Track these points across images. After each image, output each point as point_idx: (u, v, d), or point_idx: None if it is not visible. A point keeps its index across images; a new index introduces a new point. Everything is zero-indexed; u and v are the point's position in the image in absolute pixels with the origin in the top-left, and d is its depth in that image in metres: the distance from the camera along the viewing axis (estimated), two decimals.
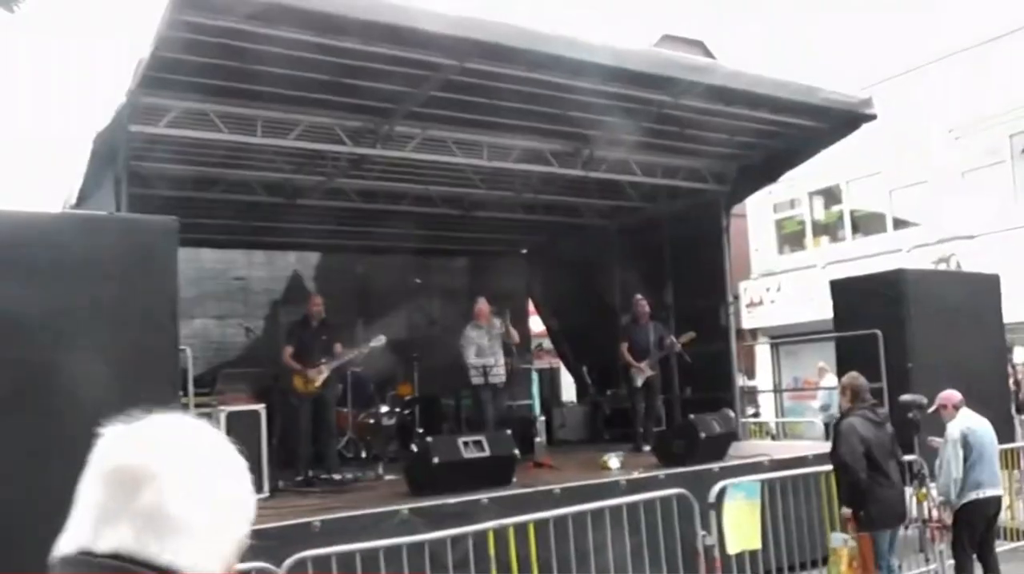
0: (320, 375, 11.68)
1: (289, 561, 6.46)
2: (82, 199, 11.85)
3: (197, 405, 8.44)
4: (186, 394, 7.47)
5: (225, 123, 10.90)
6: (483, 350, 12.91)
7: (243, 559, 5.12)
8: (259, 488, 9.86)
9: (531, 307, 20.38)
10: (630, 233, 17.40)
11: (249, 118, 11.11)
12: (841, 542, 7.97)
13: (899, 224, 24.26)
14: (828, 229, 26.90)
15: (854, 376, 8.48)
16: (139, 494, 1.54)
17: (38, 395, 6.62)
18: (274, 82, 10.42)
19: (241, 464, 1.73)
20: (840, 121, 13.27)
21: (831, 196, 26.62)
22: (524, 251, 20.19)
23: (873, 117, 12.94)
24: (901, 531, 8.59)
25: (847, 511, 8.05)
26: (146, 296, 7.17)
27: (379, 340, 12.17)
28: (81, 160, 11.14)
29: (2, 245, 6.66)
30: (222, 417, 9.83)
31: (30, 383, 6.62)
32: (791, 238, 27.78)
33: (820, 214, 27.24)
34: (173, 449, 1.63)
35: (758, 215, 27.74)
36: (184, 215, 7.95)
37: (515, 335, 13.28)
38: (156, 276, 7.25)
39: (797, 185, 24.76)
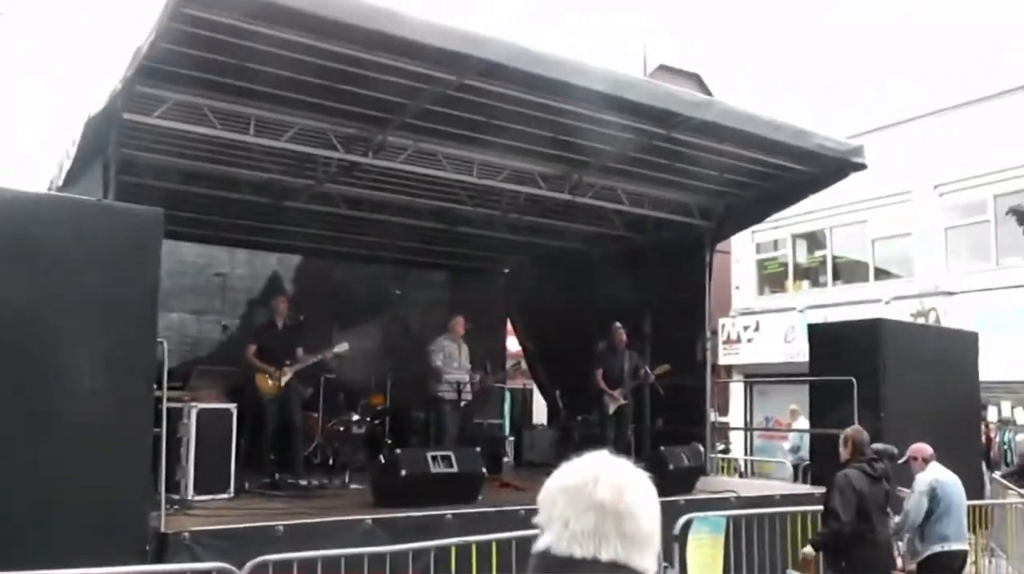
0: (284, 376, 11.67)
1: (250, 563, 6.45)
2: (69, 181, 11.77)
3: (170, 400, 8.37)
4: (160, 388, 7.40)
5: (218, 119, 10.88)
6: (451, 366, 12.92)
7: (204, 558, 5.11)
8: (225, 487, 9.86)
9: (508, 326, 20.34)
10: (613, 260, 17.40)
11: (243, 116, 11.08)
12: None
13: (881, 274, 24.39)
14: (810, 273, 27.03)
15: (857, 430, 8.50)
16: (623, 522, 2.47)
17: (9, 382, 6.58)
18: (271, 82, 10.43)
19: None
20: (830, 167, 13.36)
21: (815, 241, 26.77)
22: (506, 270, 20.14)
23: (863, 166, 13.03)
24: None
25: (809, 551, 8.05)
26: (128, 285, 7.15)
27: (342, 346, 12.23)
28: (71, 142, 11.09)
29: None
30: (193, 413, 9.82)
31: (7, 369, 6.56)
32: (772, 279, 27.89)
33: (803, 257, 27.38)
34: (636, 487, 2.56)
35: (741, 253, 27.85)
36: (169, 207, 7.92)
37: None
38: (139, 266, 7.23)
39: (782, 227, 24.88)
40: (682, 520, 8.18)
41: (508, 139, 12.38)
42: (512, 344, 20.80)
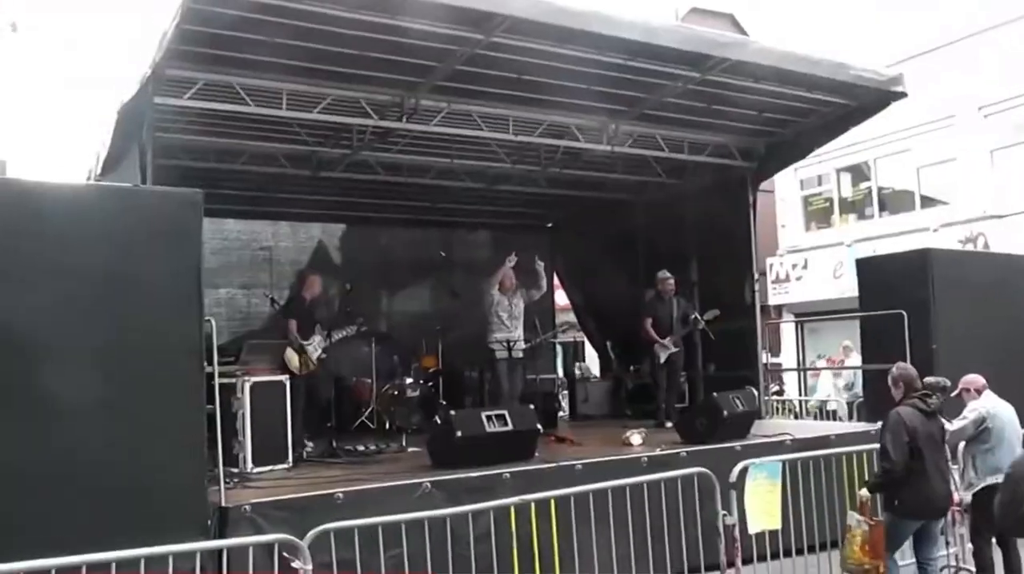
0: (314, 352, 11.79)
1: (312, 533, 6.50)
2: (107, 170, 11.90)
3: (223, 375, 8.45)
4: (211, 364, 7.47)
5: (250, 95, 10.92)
6: (501, 318, 12.90)
7: (266, 530, 5.20)
8: (283, 458, 9.96)
9: (556, 281, 20.31)
10: (656, 208, 17.29)
11: (274, 91, 11.11)
12: (856, 523, 7.93)
13: (927, 202, 24.05)
14: (856, 206, 26.68)
15: (903, 367, 8.36)
16: None
17: (63, 361, 6.67)
18: (300, 55, 10.44)
19: None
20: (870, 98, 13.16)
21: (859, 173, 26.41)
22: (549, 225, 20.10)
23: (903, 95, 12.82)
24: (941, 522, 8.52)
25: (865, 494, 7.98)
26: (171, 267, 7.19)
27: (359, 324, 12.28)
28: (105, 131, 11.18)
29: (30, 216, 6.69)
30: (247, 387, 9.89)
31: (56, 356, 6.66)
32: (818, 215, 27.58)
33: (848, 191, 27.02)
34: None
35: (786, 191, 27.55)
36: (209, 186, 7.99)
37: (542, 288, 13.36)
38: (181, 248, 7.26)
39: (825, 161, 24.55)
40: (738, 467, 8.15)
41: (542, 94, 12.34)
42: (560, 298, 20.77)
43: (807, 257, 26.65)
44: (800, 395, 22.29)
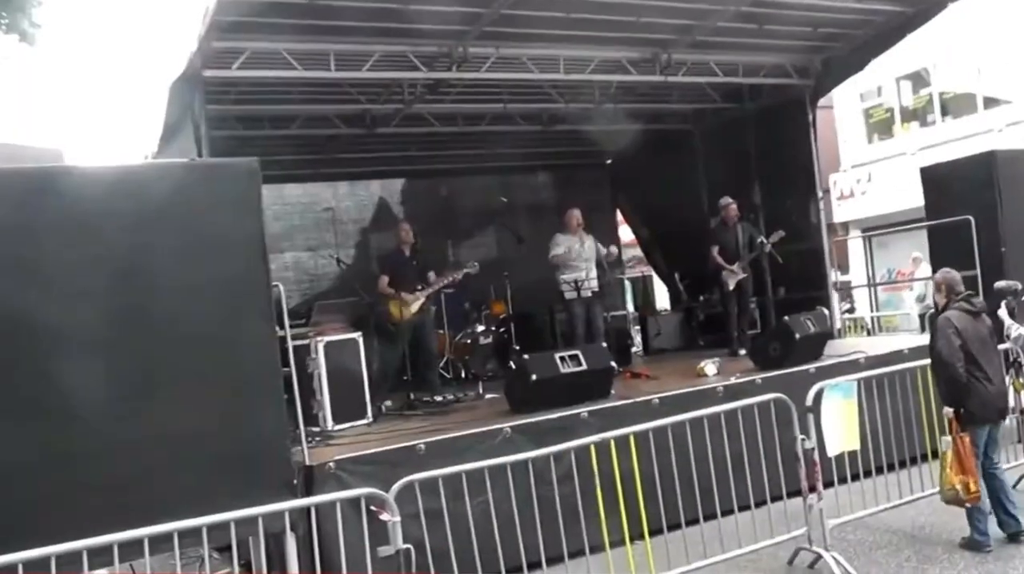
0: (416, 302, 11.89)
1: (397, 485, 6.58)
2: (162, 147, 12.04)
3: (296, 337, 8.56)
4: (282, 328, 7.57)
5: (298, 60, 10.97)
6: (574, 261, 12.85)
7: (352, 485, 5.31)
8: (362, 414, 10.09)
9: (619, 217, 20.25)
10: (714, 135, 17.17)
11: (322, 53, 11.17)
12: (946, 445, 7.88)
13: (990, 103, 23.58)
14: (917, 114, 26.25)
15: (945, 271, 8.31)
16: None
17: (138, 337, 6.81)
18: (343, 15, 10.45)
19: None
20: (928, 3, 12.90)
21: (919, 80, 25.94)
22: (608, 162, 20.00)
23: None
24: (1003, 425, 8.43)
25: (949, 411, 7.92)
26: (234, 237, 7.26)
27: (473, 266, 12.28)
28: (157, 110, 11.32)
29: (93, 199, 6.80)
30: (321, 347, 10.01)
31: (133, 326, 6.80)
32: (880, 126, 27.17)
33: (908, 99, 26.57)
34: None
35: (845, 105, 27.11)
36: (266, 153, 8.05)
37: (613, 252, 13.27)
38: (242, 217, 7.32)
39: (883, 71, 24.07)
40: (813, 390, 8.09)
41: (590, 30, 12.25)
42: (625, 234, 20.72)
43: (871, 171, 26.32)
44: (871, 311, 22.08)
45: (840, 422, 8.07)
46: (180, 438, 6.79)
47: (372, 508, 6.57)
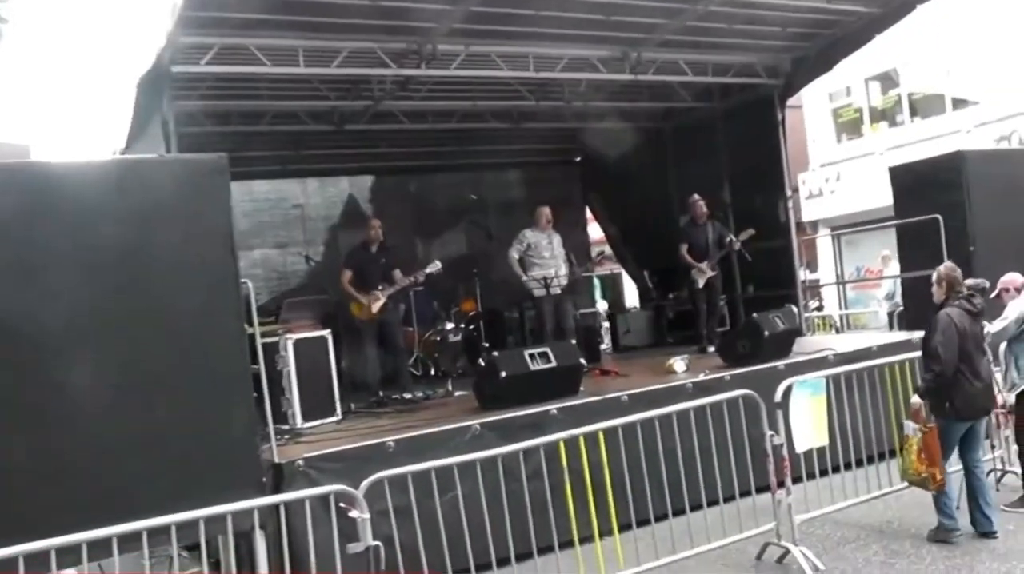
0: (377, 302, 11.80)
1: (366, 482, 6.59)
2: (130, 143, 11.97)
3: (265, 335, 8.54)
4: (251, 325, 7.55)
5: (267, 56, 10.91)
6: (541, 256, 12.86)
7: (321, 482, 5.31)
8: (332, 411, 10.07)
9: (589, 215, 20.27)
10: (684, 134, 17.21)
11: (291, 49, 11.09)
12: (912, 431, 7.92)
13: (959, 104, 23.73)
14: (886, 114, 26.40)
15: (950, 266, 8.26)
16: None
17: (105, 335, 6.76)
18: (313, 10, 10.43)
19: None
20: (895, 3, 12.96)
21: (887, 80, 26.09)
22: (578, 159, 20.00)
23: None
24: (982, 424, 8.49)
25: (917, 400, 7.97)
26: (203, 234, 7.21)
27: (435, 266, 12.19)
28: (125, 106, 11.25)
29: (57, 194, 6.74)
30: (289, 345, 9.97)
31: (96, 323, 6.75)
32: (848, 126, 27.32)
33: (877, 99, 26.72)
34: None
35: (814, 104, 27.25)
36: (234, 149, 8.00)
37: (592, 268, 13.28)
38: (211, 213, 7.28)
39: (852, 71, 24.20)
40: (782, 386, 8.13)
41: (560, 28, 12.24)
42: (594, 231, 20.74)
43: (839, 170, 26.46)
44: (840, 309, 22.20)
45: (809, 418, 8.12)
46: (148, 436, 6.74)
47: (342, 505, 6.57)
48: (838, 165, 26.63)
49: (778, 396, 8.07)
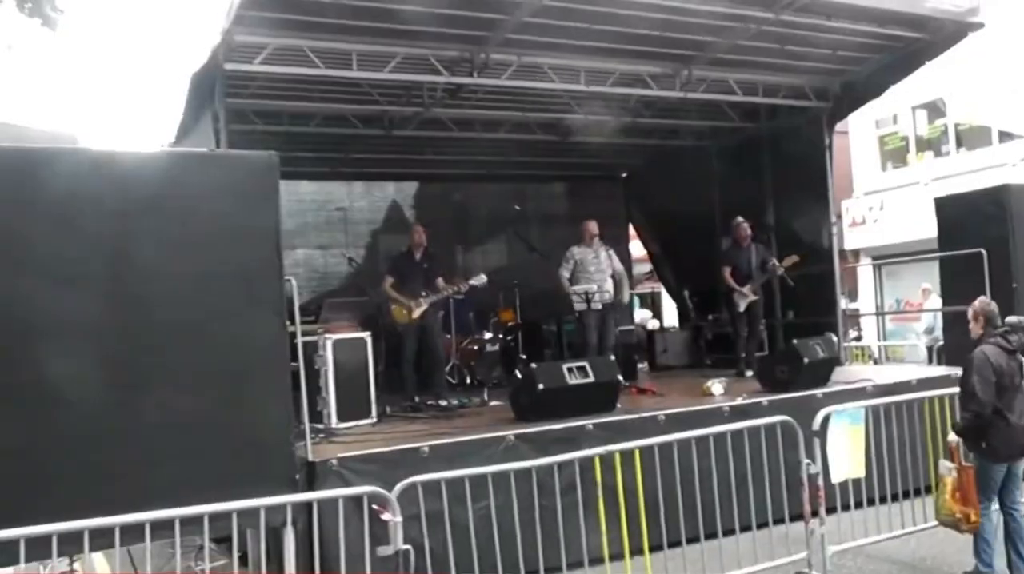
0: (419, 308, 11.83)
1: (400, 485, 6.58)
2: (180, 138, 12.07)
3: (304, 334, 8.56)
4: (292, 323, 7.59)
5: (320, 58, 10.95)
6: (587, 271, 12.82)
7: (353, 483, 5.32)
8: (367, 413, 10.09)
9: (631, 232, 20.22)
10: (730, 154, 17.14)
11: (344, 52, 11.13)
12: (947, 470, 7.82)
13: (1005, 137, 23.54)
14: (932, 144, 26.21)
15: (985, 302, 8.12)
16: None
17: (148, 324, 6.84)
18: (368, 15, 10.46)
19: None
20: (946, 31, 12.82)
21: (934, 109, 25.91)
22: (623, 175, 20.01)
23: (980, 26, 12.49)
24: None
25: (954, 439, 7.85)
26: (250, 230, 7.28)
27: (480, 279, 12.22)
28: (176, 101, 11.34)
29: (109, 184, 6.81)
30: (328, 344, 10.01)
31: (140, 316, 6.82)
32: (894, 154, 27.15)
33: (923, 129, 26.54)
34: None
35: (860, 131, 27.08)
36: (282, 149, 8.02)
37: (619, 268, 13.17)
38: (258, 210, 7.34)
39: (899, 99, 24.02)
40: (821, 414, 8.08)
41: (613, 42, 12.22)
42: (636, 249, 20.70)
43: (883, 199, 26.29)
44: (879, 341, 22.04)
45: (846, 448, 8.06)
46: (186, 426, 6.81)
47: (374, 507, 6.56)
48: (882, 194, 26.46)
49: (816, 424, 8.02)
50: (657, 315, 22.21)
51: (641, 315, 22.87)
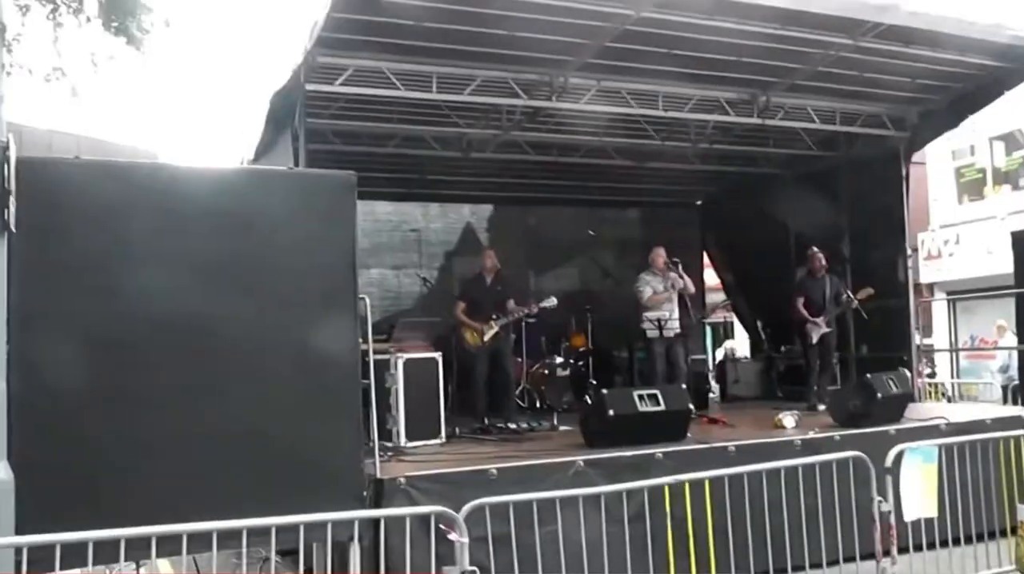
0: (490, 331, 11.89)
1: (468, 506, 6.57)
2: (259, 156, 12.23)
3: (376, 352, 8.61)
4: (365, 341, 7.66)
5: (400, 80, 11.07)
6: (658, 300, 12.80)
7: (421, 502, 5.31)
8: (436, 433, 10.13)
9: (706, 260, 20.11)
10: (806, 182, 16.92)
11: (424, 74, 11.25)
12: None
13: None
14: (1009, 177, 25.75)
15: None
16: None
17: (224, 337, 6.97)
18: (449, 38, 10.55)
19: None
20: None
21: (1012, 141, 25.47)
22: (698, 202, 19.92)
23: None
24: None
25: None
26: (326, 247, 7.39)
27: (550, 302, 12.26)
28: (256, 119, 11.51)
29: (188, 200, 6.96)
30: (400, 364, 10.08)
31: (219, 330, 6.94)
32: (971, 186, 26.66)
33: (1001, 160, 26.09)
34: None
35: (937, 162, 26.64)
36: (360, 169, 8.10)
37: (689, 284, 13.10)
38: (335, 228, 7.44)
39: (977, 130, 23.64)
40: (894, 451, 7.96)
41: (692, 68, 12.21)
42: (710, 277, 20.57)
43: (959, 232, 25.86)
44: (952, 378, 21.67)
45: (919, 487, 7.92)
46: (256, 438, 6.91)
47: (441, 526, 6.57)
48: (958, 227, 26.04)
49: (889, 461, 7.89)
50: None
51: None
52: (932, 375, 21.65)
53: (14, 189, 6.06)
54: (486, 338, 11.90)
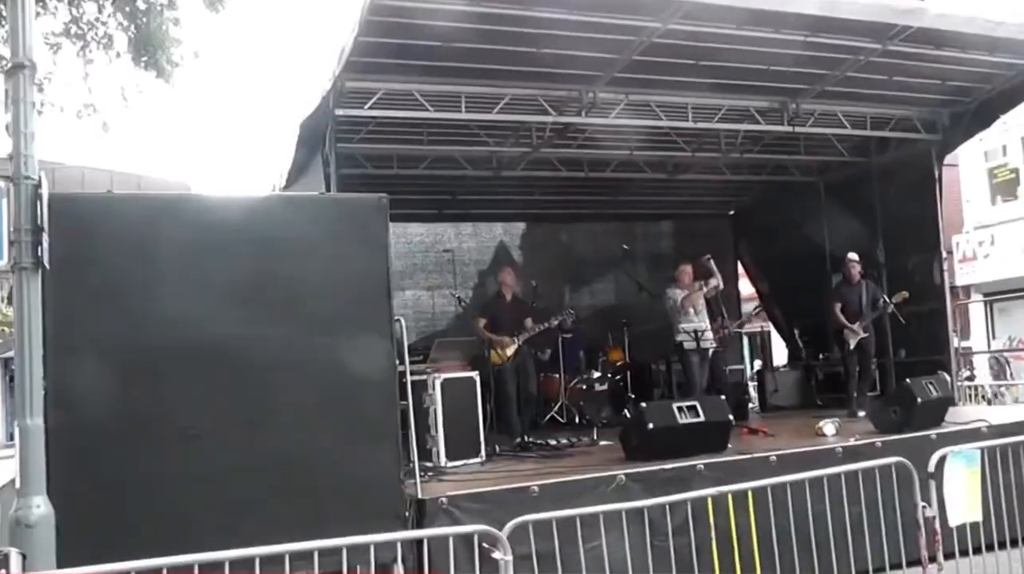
0: (510, 346, 11.93)
1: (511, 523, 6.55)
2: (290, 182, 12.31)
3: (413, 373, 8.65)
4: (402, 362, 7.69)
5: (429, 101, 11.15)
6: (687, 313, 12.77)
7: (463, 521, 5.30)
8: (476, 452, 10.14)
9: (740, 270, 20.06)
10: (839, 189, 16.91)
11: (453, 94, 11.33)
12: None
13: None
14: None
15: None
16: None
17: (261, 361, 7.03)
18: (477, 57, 10.60)
19: None
20: None
21: None
22: (731, 212, 19.88)
23: None
24: None
25: None
26: (360, 271, 7.45)
27: (569, 314, 12.42)
28: (287, 147, 11.58)
29: (223, 227, 7.05)
30: (438, 384, 10.09)
31: (256, 358, 7.01)
32: (1004, 187, 26.43)
33: None
34: None
35: (969, 164, 26.47)
36: (392, 191, 8.14)
37: (720, 280, 13.15)
38: (369, 251, 7.50)
39: (1009, 129, 23.47)
40: (936, 456, 7.87)
41: (720, 78, 12.22)
42: (745, 287, 20.51)
43: (994, 233, 25.65)
44: (991, 380, 21.48)
45: (963, 491, 7.84)
46: (299, 462, 6.95)
47: (484, 545, 6.56)
48: (992, 228, 25.83)
49: (931, 466, 7.82)
50: (766, 354, 21.90)
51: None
52: (971, 378, 21.49)
53: (47, 226, 6.12)
54: (508, 353, 11.97)
